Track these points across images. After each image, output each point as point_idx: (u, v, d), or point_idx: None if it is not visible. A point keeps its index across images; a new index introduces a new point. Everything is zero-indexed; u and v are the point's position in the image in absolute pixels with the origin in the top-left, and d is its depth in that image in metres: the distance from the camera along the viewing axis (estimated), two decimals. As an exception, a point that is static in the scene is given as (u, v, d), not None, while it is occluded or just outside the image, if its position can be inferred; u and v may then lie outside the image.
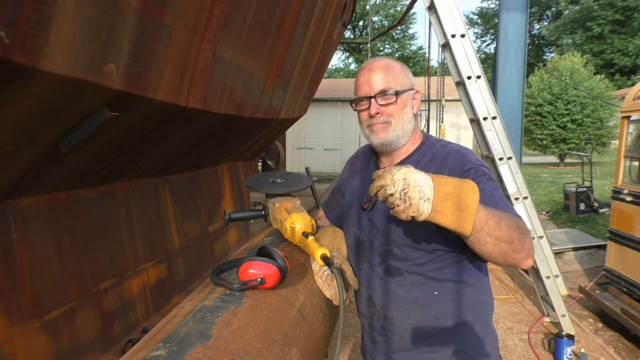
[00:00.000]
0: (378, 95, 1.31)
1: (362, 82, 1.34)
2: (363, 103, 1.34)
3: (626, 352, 4.07)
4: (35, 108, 1.68)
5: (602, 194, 10.75)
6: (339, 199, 1.57)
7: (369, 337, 1.44)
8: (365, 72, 1.34)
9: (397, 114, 1.32)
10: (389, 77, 1.31)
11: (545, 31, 37.10)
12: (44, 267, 2.36)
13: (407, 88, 1.34)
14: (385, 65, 1.34)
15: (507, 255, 1.08)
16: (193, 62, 2.41)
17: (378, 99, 1.31)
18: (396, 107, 1.32)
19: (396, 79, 1.32)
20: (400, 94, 1.31)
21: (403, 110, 1.33)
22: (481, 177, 1.24)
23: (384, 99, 1.31)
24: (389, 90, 1.30)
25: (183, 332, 0.84)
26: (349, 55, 37.26)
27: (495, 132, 4.06)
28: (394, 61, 1.38)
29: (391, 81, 1.31)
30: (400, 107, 1.32)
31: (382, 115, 1.32)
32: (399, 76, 1.33)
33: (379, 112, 1.31)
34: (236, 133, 4.18)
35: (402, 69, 1.36)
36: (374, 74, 1.32)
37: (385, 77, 1.31)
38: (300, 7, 3.79)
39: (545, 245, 4.13)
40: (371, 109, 1.32)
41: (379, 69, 1.32)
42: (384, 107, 1.31)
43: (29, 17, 1.31)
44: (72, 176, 2.48)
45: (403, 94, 1.32)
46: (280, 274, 1.06)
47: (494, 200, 1.17)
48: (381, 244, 1.34)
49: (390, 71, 1.33)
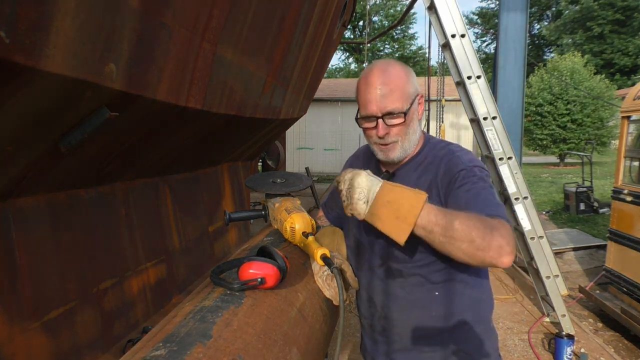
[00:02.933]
0: (386, 116, 1.26)
1: (368, 100, 1.27)
2: (370, 121, 1.30)
3: (626, 352, 4.07)
4: (35, 108, 1.68)
5: (602, 194, 10.75)
6: (339, 200, 1.57)
7: (370, 337, 1.44)
8: (370, 89, 1.26)
9: (404, 132, 1.29)
10: (396, 94, 1.25)
11: (545, 31, 37.09)
12: (44, 267, 2.36)
13: (413, 98, 1.29)
14: (391, 80, 1.26)
15: (473, 255, 1.06)
16: (193, 62, 2.41)
17: (386, 119, 1.27)
18: (404, 127, 1.29)
19: (403, 95, 1.26)
20: (408, 112, 1.27)
21: (410, 126, 1.30)
22: (471, 177, 1.23)
23: (392, 119, 1.27)
24: (397, 110, 1.26)
25: (183, 332, 0.84)
26: (349, 55, 37.27)
27: (495, 132, 4.06)
28: (398, 68, 1.30)
29: (398, 99, 1.25)
30: (408, 124, 1.29)
31: (389, 135, 1.29)
32: (405, 90, 1.27)
33: (388, 133, 1.28)
34: (236, 133, 4.18)
35: (407, 78, 1.30)
36: (380, 92, 1.25)
37: (392, 95, 1.25)
38: (300, 7, 3.79)
39: (545, 245, 4.13)
40: (379, 131, 1.28)
41: (386, 86, 1.25)
42: (392, 127, 1.28)
43: (29, 17, 1.31)
44: (72, 176, 2.48)
45: (410, 110, 1.28)
46: (280, 274, 1.06)
47: (478, 200, 1.17)
48: (382, 245, 1.34)
49: (397, 86, 1.26)
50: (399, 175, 1.38)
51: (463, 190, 1.21)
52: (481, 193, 1.20)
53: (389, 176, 1.39)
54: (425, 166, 1.34)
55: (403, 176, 1.37)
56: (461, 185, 1.22)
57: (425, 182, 1.30)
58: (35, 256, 2.30)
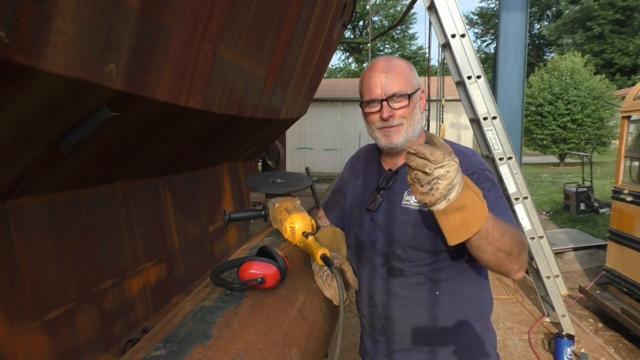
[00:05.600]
0: (390, 98, 1.30)
1: (372, 84, 1.32)
2: (374, 105, 1.33)
3: (626, 352, 4.07)
4: (35, 108, 1.68)
5: (602, 194, 10.75)
6: (340, 200, 1.57)
7: (370, 338, 1.44)
8: (375, 73, 1.32)
9: (409, 116, 1.32)
10: (400, 79, 1.30)
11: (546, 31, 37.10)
12: (44, 267, 2.36)
13: (415, 89, 1.34)
14: (395, 67, 1.32)
15: (502, 265, 1.10)
16: (193, 62, 2.41)
17: (390, 102, 1.30)
18: (408, 110, 1.31)
19: (407, 80, 1.31)
20: (411, 97, 1.31)
21: (414, 112, 1.33)
22: (485, 183, 1.25)
23: (397, 102, 1.30)
24: (401, 92, 1.29)
25: (183, 332, 0.84)
26: (349, 55, 37.26)
27: (496, 132, 4.06)
28: (402, 61, 1.37)
29: (402, 83, 1.30)
30: (412, 109, 1.32)
31: (394, 118, 1.31)
32: (409, 77, 1.33)
33: (392, 115, 1.30)
34: (236, 133, 4.18)
35: (410, 69, 1.35)
36: (385, 76, 1.30)
37: (396, 79, 1.30)
38: (300, 7, 3.79)
39: (545, 245, 4.13)
40: (383, 113, 1.30)
41: (390, 71, 1.31)
42: (396, 110, 1.30)
43: (29, 17, 1.31)
44: (72, 176, 2.48)
45: (414, 96, 1.32)
46: (280, 274, 1.06)
47: (496, 209, 1.18)
48: (384, 244, 1.34)
49: (401, 73, 1.32)
50: (403, 173, 1.37)
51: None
52: (497, 202, 1.22)
53: (393, 174, 1.39)
54: None
55: (406, 174, 1.36)
56: None
57: None
58: (35, 256, 2.30)
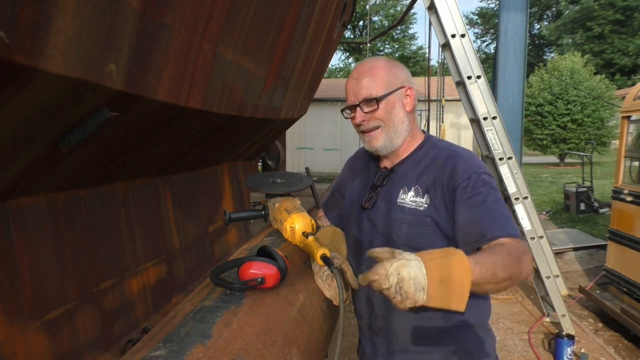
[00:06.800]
0: (362, 103, 1.31)
1: (347, 90, 1.36)
2: (351, 111, 1.35)
3: (626, 352, 4.07)
4: (35, 108, 1.68)
5: (603, 194, 10.74)
6: (339, 200, 1.57)
7: (368, 340, 1.44)
8: (349, 79, 1.35)
9: (385, 117, 1.32)
10: (372, 83, 1.31)
11: (546, 31, 37.10)
12: (44, 267, 2.36)
13: (394, 88, 1.33)
14: (367, 70, 1.33)
15: (509, 286, 1.15)
16: (193, 62, 2.41)
17: (363, 106, 1.31)
18: (384, 112, 1.32)
19: (379, 84, 1.31)
20: (381, 100, 1.31)
21: (392, 113, 1.33)
22: (482, 187, 1.24)
23: (368, 106, 1.31)
24: (370, 97, 1.30)
25: (183, 332, 0.84)
26: (349, 55, 37.25)
27: (495, 132, 4.06)
28: (380, 61, 1.36)
29: (373, 87, 1.31)
30: (388, 110, 1.32)
31: (368, 122, 1.33)
32: (383, 79, 1.32)
33: (365, 119, 1.33)
34: (236, 133, 4.18)
35: (387, 69, 1.34)
36: (356, 82, 1.33)
37: (367, 82, 1.31)
38: (300, 7, 3.79)
39: (545, 245, 4.13)
40: (356, 118, 1.33)
41: (362, 76, 1.32)
42: (368, 114, 1.32)
43: (29, 17, 1.31)
44: (72, 176, 2.48)
45: (388, 97, 1.31)
46: (280, 274, 1.06)
47: (493, 214, 1.19)
48: (381, 244, 1.34)
49: (374, 76, 1.32)
50: (398, 171, 1.38)
51: (477, 202, 1.22)
52: (495, 207, 1.22)
53: (388, 172, 1.39)
54: (426, 164, 1.34)
55: (402, 172, 1.37)
56: (473, 195, 1.23)
57: (428, 181, 1.30)
58: (35, 256, 2.30)
